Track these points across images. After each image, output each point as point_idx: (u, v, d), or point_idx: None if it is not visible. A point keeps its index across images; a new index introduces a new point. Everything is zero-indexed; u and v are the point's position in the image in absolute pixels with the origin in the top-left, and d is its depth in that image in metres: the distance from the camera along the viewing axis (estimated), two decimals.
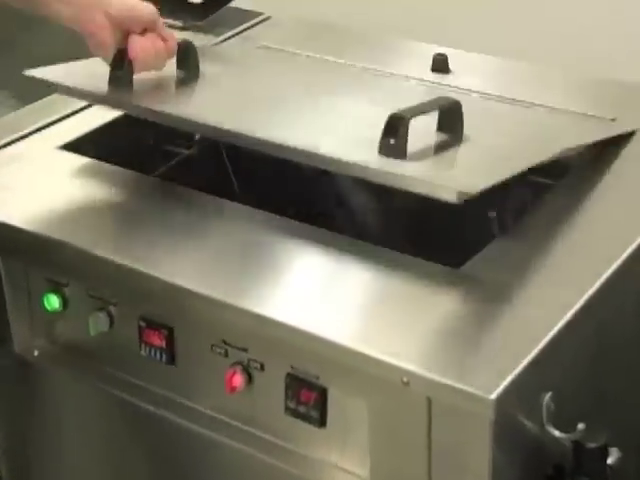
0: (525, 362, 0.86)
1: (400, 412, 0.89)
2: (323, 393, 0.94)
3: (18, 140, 1.20)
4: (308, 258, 1.01)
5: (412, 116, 0.98)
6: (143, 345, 1.03)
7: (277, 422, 0.98)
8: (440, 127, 1.03)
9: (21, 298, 1.11)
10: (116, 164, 1.14)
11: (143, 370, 1.06)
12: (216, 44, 1.41)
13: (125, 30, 1.07)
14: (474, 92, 1.26)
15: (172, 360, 1.03)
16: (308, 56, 1.34)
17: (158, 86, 1.12)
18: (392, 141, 0.96)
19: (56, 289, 1.08)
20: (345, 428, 0.94)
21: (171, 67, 1.13)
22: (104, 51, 1.07)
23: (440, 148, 1.01)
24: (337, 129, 1.06)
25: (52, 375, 1.10)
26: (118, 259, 1.00)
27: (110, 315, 1.06)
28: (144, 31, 1.07)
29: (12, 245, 1.07)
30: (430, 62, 1.31)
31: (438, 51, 1.33)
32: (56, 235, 1.04)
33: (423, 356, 0.88)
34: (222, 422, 1.02)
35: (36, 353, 1.13)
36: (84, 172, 1.13)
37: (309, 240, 1.01)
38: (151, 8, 1.09)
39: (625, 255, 0.97)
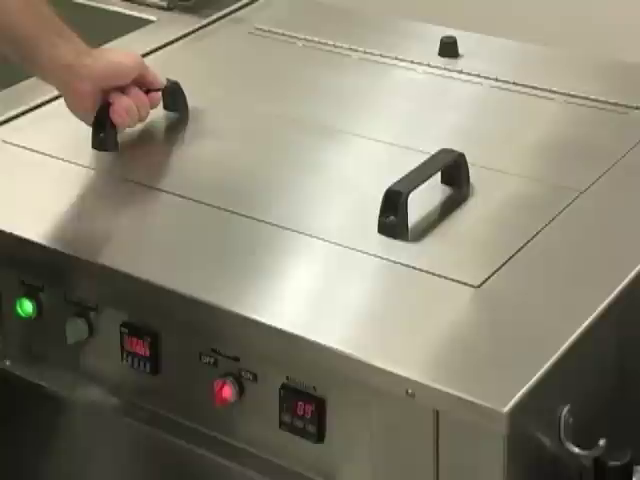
0: (541, 372, 0.85)
1: (405, 426, 0.88)
2: (321, 406, 0.93)
3: None
4: (305, 263, 1.00)
5: (411, 190, 0.99)
6: (125, 354, 1.02)
7: (271, 437, 0.97)
8: (444, 181, 1.05)
9: None
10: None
11: (125, 381, 1.05)
12: (204, 26, 1.41)
13: (109, 88, 1.09)
14: (485, 78, 1.26)
15: (156, 370, 1.01)
16: (304, 44, 1.34)
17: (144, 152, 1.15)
18: (391, 219, 0.99)
19: (30, 293, 1.07)
20: (345, 444, 0.93)
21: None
22: (83, 114, 1.11)
23: (445, 212, 1.03)
24: (333, 194, 1.07)
25: (25, 387, 1.09)
26: (97, 260, 0.99)
27: (89, 321, 1.04)
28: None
29: None
30: (437, 45, 1.31)
31: (446, 33, 1.32)
32: (30, 235, 1.03)
33: (430, 365, 0.87)
34: (211, 437, 1.01)
35: (8, 363, 1.12)
36: (58, 170, 1.13)
37: (306, 244, 1.01)
38: (137, 61, 1.12)
39: None
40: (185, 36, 1.39)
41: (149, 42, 1.37)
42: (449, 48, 1.30)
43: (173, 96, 1.20)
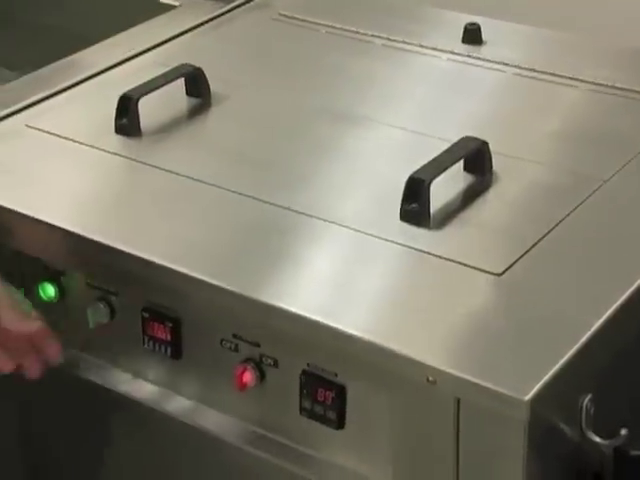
0: (562, 361, 0.85)
1: (425, 414, 0.88)
2: (342, 392, 0.93)
3: (16, 113, 1.21)
4: (327, 250, 1.00)
5: (433, 178, 0.99)
6: (146, 338, 1.03)
7: (291, 423, 0.97)
8: (467, 168, 1.05)
9: (14, 287, 1.11)
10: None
11: (146, 365, 1.06)
12: (227, 12, 1.41)
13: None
14: (508, 65, 1.26)
15: (178, 355, 1.02)
16: (328, 31, 1.34)
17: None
18: (413, 206, 0.99)
19: (52, 277, 1.08)
20: (365, 430, 0.94)
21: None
22: None
23: (467, 200, 1.03)
24: (356, 181, 1.07)
25: (47, 369, 1.10)
26: (119, 245, 0.99)
27: (111, 306, 1.05)
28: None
29: (4, 229, 1.07)
30: (461, 32, 1.31)
31: (470, 20, 1.32)
32: (51, 219, 1.03)
33: (451, 353, 0.87)
34: (231, 422, 1.01)
35: None
36: (80, 155, 1.13)
37: (328, 231, 1.01)
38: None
39: None
40: (208, 22, 1.39)
41: (172, 27, 1.37)
42: (473, 35, 1.30)
43: (196, 82, 1.20)
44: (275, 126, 1.18)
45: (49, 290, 1.08)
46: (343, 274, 0.97)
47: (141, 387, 1.06)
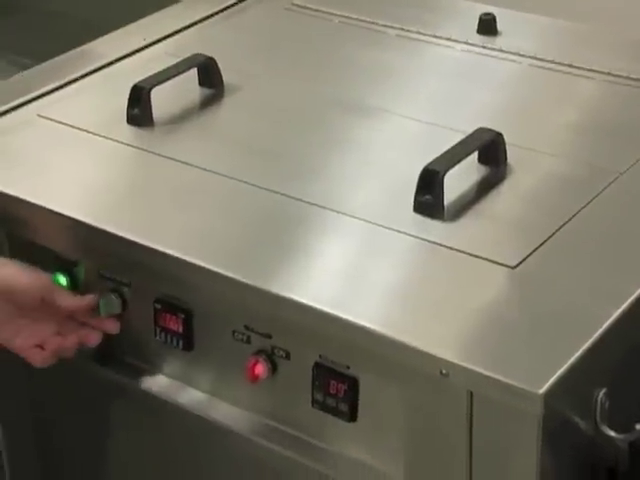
0: (577, 354, 0.84)
1: (438, 407, 0.88)
2: (354, 384, 0.93)
3: (28, 103, 1.21)
4: (340, 241, 1.00)
5: (447, 169, 0.99)
6: (158, 330, 1.03)
7: (303, 416, 0.97)
8: (481, 160, 1.05)
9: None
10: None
11: (158, 357, 1.06)
12: (240, 2, 1.41)
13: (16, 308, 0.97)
14: (524, 56, 1.25)
15: (190, 346, 1.02)
16: (341, 21, 1.33)
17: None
18: (427, 198, 0.98)
19: (64, 268, 1.08)
20: (377, 423, 0.93)
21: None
22: None
23: (481, 192, 1.02)
24: (369, 173, 1.07)
25: (57, 360, 1.10)
26: (131, 236, 0.99)
27: (122, 297, 1.05)
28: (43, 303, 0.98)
29: (17, 219, 1.07)
30: (476, 22, 1.30)
31: (485, 10, 1.31)
32: (64, 209, 1.03)
33: (464, 345, 0.87)
34: (243, 415, 1.01)
35: None
36: (92, 145, 1.13)
37: (341, 222, 1.01)
38: (41, 283, 0.98)
39: None
40: (221, 12, 1.39)
41: (185, 17, 1.37)
42: (488, 25, 1.29)
43: (208, 72, 1.20)
44: (288, 117, 1.18)
45: (61, 281, 1.08)
46: (355, 266, 0.97)
47: (152, 379, 1.06)
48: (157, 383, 1.06)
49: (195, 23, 1.36)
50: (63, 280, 1.08)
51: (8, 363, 1.11)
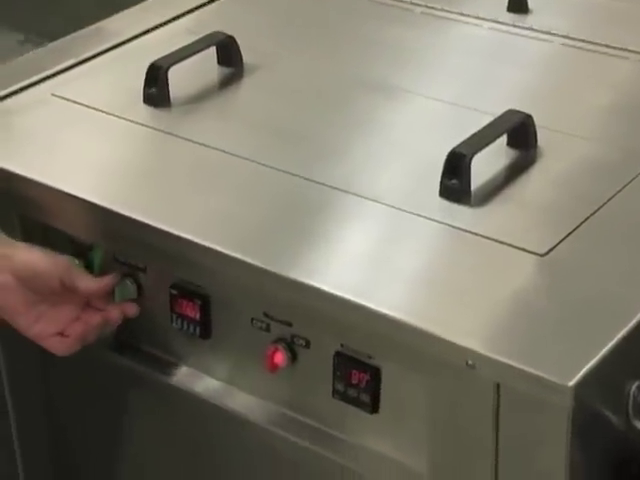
0: (609, 346, 0.84)
1: (464, 399, 0.87)
2: (376, 374, 0.93)
3: (42, 81, 1.21)
4: (362, 226, 0.99)
5: (475, 153, 0.98)
6: (174, 316, 1.03)
7: (323, 406, 0.97)
8: (510, 143, 1.04)
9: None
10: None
11: (174, 344, 1.06)
12: None
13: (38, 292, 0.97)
14: (555, 35, 1.24)
15: (207, 334, 1.02)
16: None
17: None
18: (453, 182, 0.98)
19: (78, 252, 1.08)
20: (400, 415, 0.93)
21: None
22: (9, 315, 0.97)
23: (510, 176, 1.02)
24: (393, 156, 1.06)
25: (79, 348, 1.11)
26: (147, 219, 0.99)
27: (138, 282, 1.05)
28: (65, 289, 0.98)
29: (30, 201, 1.07)
30: (506, 0, 1.29)
31: None
32: (78, 191, 1.03)
33: (492, 336, 0.86)
34: (262, 405, 1.01)
35: None
36: (107, 125, 1.13)
37: (363, 207, 1.00)
38: (60, 266, 0.98)
39: None
40: None
41: None
42: (518, 3, 1.28)
43: (227, 51, 1.20)
44: (309, 97, 1.17)
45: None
46: (379, 252, 0.96)
47: (168, 367, 1.06)
48: (173, 371, 1.06)
49: (214, 0, 1.35)
50: (78, 265, 1.08)
51: (23, 352, 1.11)
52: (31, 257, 0.98)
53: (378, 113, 1.14)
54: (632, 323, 0.86)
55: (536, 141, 1.05)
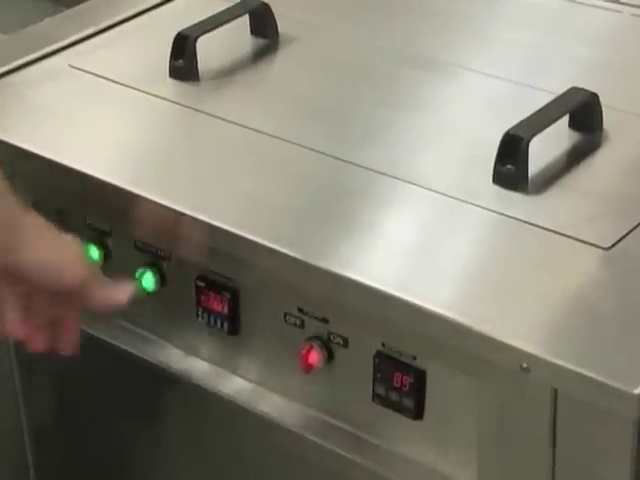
0: None
1: (517, 406, 0.87)
2: (421, 377, 0.93)
3: (58, 52, 1.22)
4: (407, 214, 0.99)
5: (533, 135, 0.98)
6: (200, 310, 1.03)
7: (362, 411, 0.97)
8: (572, 125, 1.04)
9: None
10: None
11: (199, 341, 1.07)
12: None
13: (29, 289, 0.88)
14: (625, 4, 1.23)
15: (235, 330, 1.03)
16: None
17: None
18: (509, 167, 0.97)
19: (96, 238, 1.09)
20: (447, 422, 0.93)
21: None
22: None
23: (571, 162, 1.01)
24: (441, 137, 1.06)
25: (86, 341, 1.12)
26: (171, 204, 1.00)
27: (161, 272, 1.06)
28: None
29: (44, 182, 1.09)
30: None
31: None
32: (97, 172, 1.04)
33: (549, 337, 0.86)
34: (294, 408, 1.02)
35: None
36: (130, 100, 1.14)
37: (408, 193, 1.00)
38: (74, 274, 0.88)
39: None
40: None
41: None
42: None
43: (262, 20, 1.20)
44: (349, 72, 1.17)
45: (93, 253, 1.09)
46: (425, 243, 0.96)
47: (193, 365, 1.07)
48: (198, 370, 1.07)
49: None
50: (95, 252, 1.09)
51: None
52: (40, 262, 0.88)
53: (425, 90, 1.14)
54: None
55: (601, 123, 1.05)
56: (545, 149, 1.02)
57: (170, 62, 1.15)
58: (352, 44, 1.21)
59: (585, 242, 0.93)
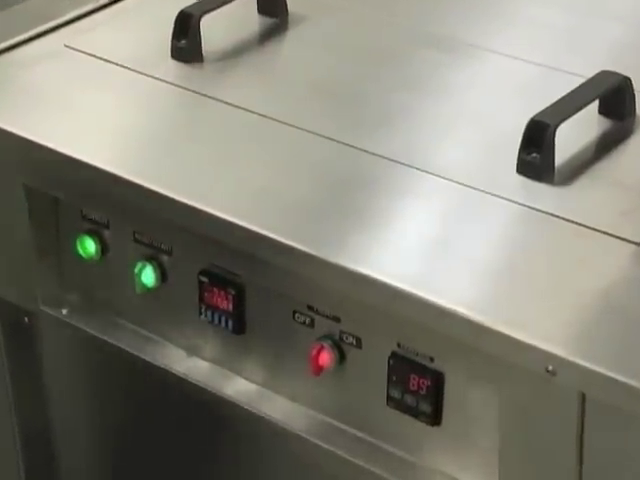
0: None
1: (542, 410, 0.88)
2: (438, 380, 0.93)
3: (54, 30, 1.22)
4: (424, 206, 1.00)
5: (560, 122, 0.98)
6: (204, 308, 1.04)
7: (376, 416, 0.97)
8: (602, 111, 1.04)
9: (49, 241, 1.13)
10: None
11: (203, 340, 1.07)
12: None
13: None
14: None
15: (241, 329, 1.03)
16: None
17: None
18: (534, 156, 0.98)
19: (93, 231, 1.09)
20: (466, 428, 0.93)
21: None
22: None
23: (601, 150, 1.01)
24: (461, 123, 1.06)
25: (84, 339, 1.12)
26: (173, 194, 1.00)
27: (162, 267, 1.06)
28: None
29: (39, 171, 1.09)
30: None
31: None
32: (93, 159, 1.04)
33: (576, 338, 0.86)
34: (303, 412, 1.02)
35: (65, 311, 1.14)
36: (129, 83, 1.14)
37: (427, 183, 1.00)
38: None
39: None
40: None
41: None
42: None
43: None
44: (362, 53, 1.17)
45: (89, 246, 1.09)
46: (443, 236, 0.96)
47: (196, 366, 1.07)
48: (201, 371, 1.07)
49: None
50: (91, 245, 1.09)
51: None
52: None
53: (444, 74, 1.14)
54: None
55: (634, 108, 1.05)
56: (573, 137, 1.02)
57: (172, 42, 1.15)
58: (366, 23, 1.21)
59: (616, 237, 0.93)
